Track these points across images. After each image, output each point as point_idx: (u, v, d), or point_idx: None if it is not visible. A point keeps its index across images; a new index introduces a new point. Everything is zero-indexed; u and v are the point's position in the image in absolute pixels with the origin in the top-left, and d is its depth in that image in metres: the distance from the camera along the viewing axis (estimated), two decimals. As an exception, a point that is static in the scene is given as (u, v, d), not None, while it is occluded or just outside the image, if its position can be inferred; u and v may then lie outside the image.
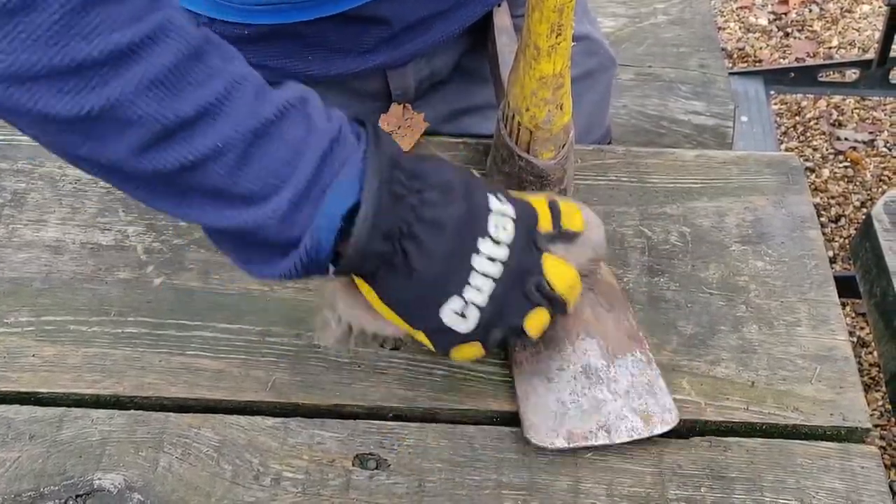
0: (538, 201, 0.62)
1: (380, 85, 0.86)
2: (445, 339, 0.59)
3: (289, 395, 0.69)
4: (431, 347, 0.61)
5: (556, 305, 0.61)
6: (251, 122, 0.49)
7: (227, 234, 0.53)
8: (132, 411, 0.68)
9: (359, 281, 0.58)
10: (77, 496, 0.63)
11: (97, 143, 0.47)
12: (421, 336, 0.60)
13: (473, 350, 0.60)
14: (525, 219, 0.59)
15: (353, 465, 0.65)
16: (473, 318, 0.57)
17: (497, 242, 0.56)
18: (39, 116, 0.45)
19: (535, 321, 0.60)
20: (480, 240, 0.56)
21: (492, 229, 0.56)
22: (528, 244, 0.59)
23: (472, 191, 0.57)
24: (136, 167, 0.48)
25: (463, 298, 0.56)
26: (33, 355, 0.71)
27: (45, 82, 0.44)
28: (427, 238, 0.54)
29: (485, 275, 0.56)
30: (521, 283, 0.58)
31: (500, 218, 0.57)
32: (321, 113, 0.53)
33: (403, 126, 0.86)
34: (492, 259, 0.56)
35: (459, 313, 0.57)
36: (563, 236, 0.62)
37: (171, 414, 0.68)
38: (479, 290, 0.56)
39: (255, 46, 0.79)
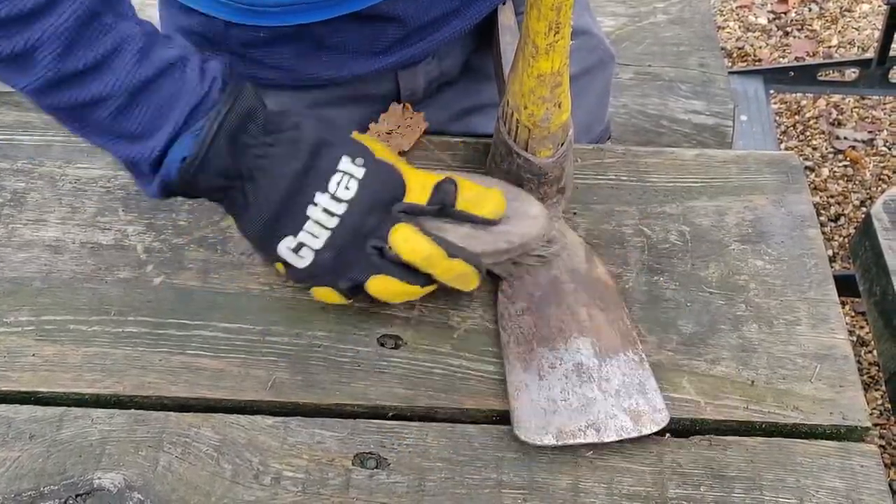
0: (421, 177, 0.67)
1: (390, 86, 0.86)
2: (295, 272, 0.66)
3: (289, 395, 0.69)
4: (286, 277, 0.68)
5: (410, 275, 0.66)
6: (132, 79, 0.58)
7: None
8: (132, 411, 0.68)
9: None
10: (77, 495, 0.63)
11: (11, 77, 0.58)
12: (279, 265, 0.67)
13: (328, 294, 0.67)
14: (378, 183, 0.65)
15: (353, 464, 0.65)
16: (308, 258, 0.64)
17: (335, 198, 0.63)
18: None
19: (378, 284, 0.66)
20: (318, 193, 0.63)
21: (332, 185, 0.63)
22: (375, 207, 0.64)
23: (322, 149, 0.64)
24: (39, 101, 0.59)
25: (296, 239, 0.64)
26: (33, 355, 0.71)
27: None
28: (263, 183, 0.63)
29: (319, 223, 0.63)
30: (362, 243, 0.65)
31: (345, 177, 0.63)
32: (196, 73, 0.61)
33: (403, 125, 0.86)
34: (329, 212, 0.63)
35: (293, 250, 0.64)
36: (460, 218, 0.67)
37: (171, 413, 0.68)
38: (314, 235, 0.64)
39: (269, 48, 0.79)
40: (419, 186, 0.66)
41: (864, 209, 2.06)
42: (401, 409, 0.68)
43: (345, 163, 0.64)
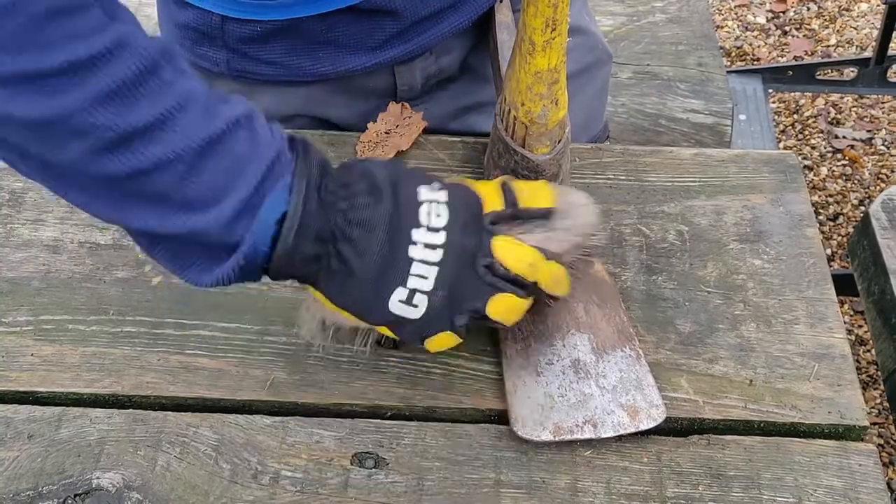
0: (485, 185, 0.63)
1: (387, 82, 0.86)
2: (406, 329, 0.60)
3: (287, 394, 0.69)
4: (397, 338, 0.62)
5: (522, 287, 0.61)
6: (201, 135, 0.51)
7: (165, 240, 0.55)
8: (130, 410, 0.68)
9: (310, 289, 0.60)
10: (75, 495, 0.63)
11: (51, 145, 0.49)
12: (385, 330, 0.61)
13: (445, 339, 0.61)
14: (461, 202, 0.60)
15: (352, 463, 0.65)
16: (423, 304, 0.58)
17: (432, 229, 0.58)
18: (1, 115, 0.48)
19: (499, 306, 0.60)
20: (414, 230, 0.57)
21: (423, 218, 0.58)
22: (469, 226, 0.59)
23: (399, 186, 0.58)
24: (87, 170, 0.50)
25: (407, 288, 0.58)
26: (32, 354, 0.71)
27: (6, 86, 0.46)
28: (360, 238, 0.56)
29: (425, 262, 0.57)
30: (471, 265, 0.59)
31: (432, 205, 0.58)
32: (266, 129, 0.56)
33: (402, 125, 0.86)
34: (430, 246, 0.58)
35: (406, 302, 0.58)
36: (531, 215, 0.62)
37: (169, 413, 0.68)
38: (423, 277, 0.58)
39: (265, 44, 0.79)
40: (490, 194, 0.62)
41: (862, 208, 2.07)
42: (399, 409, 0.68)
43: (424, 192, 0.59)
